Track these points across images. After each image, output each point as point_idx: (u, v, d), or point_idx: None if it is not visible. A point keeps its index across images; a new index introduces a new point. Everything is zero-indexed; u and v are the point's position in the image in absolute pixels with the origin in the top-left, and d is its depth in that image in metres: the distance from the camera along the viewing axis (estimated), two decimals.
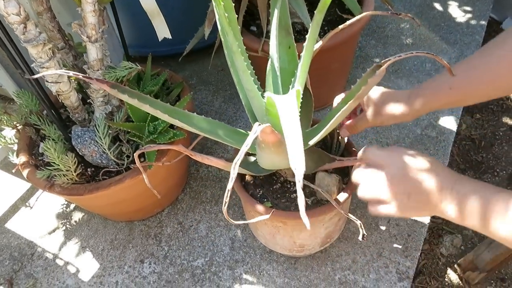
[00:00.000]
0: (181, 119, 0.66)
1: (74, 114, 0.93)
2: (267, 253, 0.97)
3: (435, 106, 0.68)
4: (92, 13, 0.80)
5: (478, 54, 0.64)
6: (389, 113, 0.70)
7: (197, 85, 1.43)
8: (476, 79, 0.63)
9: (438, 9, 1.54)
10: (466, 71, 0.64)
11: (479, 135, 1.35)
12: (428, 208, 0.58)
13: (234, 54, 0.61)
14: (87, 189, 0.85)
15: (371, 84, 0.61)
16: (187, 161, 1.10)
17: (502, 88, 0.62)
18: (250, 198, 0.77)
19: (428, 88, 0.68)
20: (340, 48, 1.02)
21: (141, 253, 1.02)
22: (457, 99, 0.66)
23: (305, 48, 0.64)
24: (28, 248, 1.09)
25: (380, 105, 0.71)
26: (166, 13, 1.37)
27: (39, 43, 0.76)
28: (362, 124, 0.75)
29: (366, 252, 0.95)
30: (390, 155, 0.61)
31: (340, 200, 0.74)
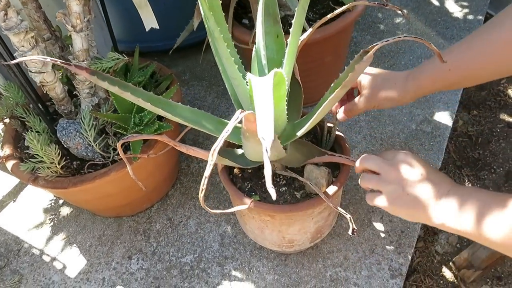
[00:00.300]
0: (164, 108, 0.64)
1: (60, 107, 0.91)
2: (257, 249, 0.95)
3: (434, 89, 0.67)
4: (77, 1, 0.78)
5: (476, 34, 0.62)
6: (386, 96, 0.69)
7: (190, 80, 1.41)
8: (475, 60, 0.61)
9: (435, 4, 1.52)
10: (464, 51, 0.62)
11: (476, 132, 1.33)
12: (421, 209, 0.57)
13: (217, 41, 0.59)
14: (71, 182, 0.83)
15: (358, 71, 0.59)
16: (177, 156, 1.08)
17: (502, 68, 0.60)
18: (237, 191, 0.75)
19: (426, 70, 0.66)
20: (332, 39, 1.00)
21: (129, 249, 1.00)
22: (456, 81, 0.65)
23: (292, 34, 0.62)
24: (15, 244, 1.07)
25: (377, 88, 0.70)
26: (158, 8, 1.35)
27: (21, 31, 0.74)
28: (358, 107, 0.74)
29: (358, 249, 0.92)
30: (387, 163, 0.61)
31: (329, 193, 0.72)
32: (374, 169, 0.63)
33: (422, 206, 0.57)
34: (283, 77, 0.51)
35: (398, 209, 0.60)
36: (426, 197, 0.57)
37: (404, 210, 0.59)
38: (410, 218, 0.61)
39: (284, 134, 0.73)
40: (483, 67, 0.62)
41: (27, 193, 1.18)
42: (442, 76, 0.65)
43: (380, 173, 0.61)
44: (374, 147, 1.10)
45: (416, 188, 0.58)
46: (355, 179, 1.04)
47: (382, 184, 0.61)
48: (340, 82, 0.63)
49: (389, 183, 0.60)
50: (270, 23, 0.73)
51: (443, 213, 0.55)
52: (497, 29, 0.59)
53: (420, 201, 0.57)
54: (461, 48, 0.63)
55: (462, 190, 0.55)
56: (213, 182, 1.10)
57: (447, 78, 0.64)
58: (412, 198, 0.58)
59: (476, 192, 0.54)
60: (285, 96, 0.60)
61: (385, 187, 0.60)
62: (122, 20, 1.43)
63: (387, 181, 0.60)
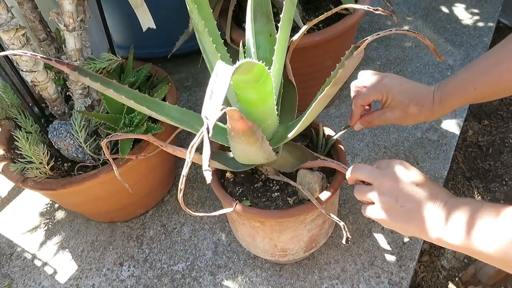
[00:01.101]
0: (150, 106, 0.62)
1: (53, 107, 0.90)
2: (251, 258, 0.91)
3: (459, 106, 0.65)
4: (69, 0, 0.77)
5: (500, 48, 0.60)
6: (412, 116, 0.67)
7: (193, 86, 1.40)
8: (502, 76, 0.58)
9: (444, 11, 1.48)
10: (490, 68, 0.59)
11: (487, 142, 1.28)
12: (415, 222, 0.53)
13: (201, 35, 0.57)
14: (60, 184, 0.81)
15: (349, 67, 0.56)
16: (173, 160, 1.05)
17: None
18: (225, 195, 0.72)
19: (452, 92, 0.64)
20: (333, 43, 0.97)
21: (121, 255, 0.98)
22: (482, 97, 0.63)
23: (280, 29, 0.59)
24: (8, 248, 1.05)
25: (404, 108, 0.67)
26: (161, 13, 1.35)
27: (11, 28, 0.73)
28: (380, 121, 0.71)
29: (357, 261, 0.88)
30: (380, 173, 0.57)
31: (322, 198, 0.68)
32: (366, 179, 0.59)
33: (417, 219, 0.52)
34: (266, 71, 0.48)
35: (391, 222, 0.56)
36: (420, 210, 0.52)
37: (397, 223, 0.55)
38: (404, 232, 0.56)
39: (276, 136, 0.70)
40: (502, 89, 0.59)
41: (23, 196, 1.17)
42: (469, 96, 0.62)
43: (372, 184, 0.57)
44: (377, 155, 1.06)
45: (410, 199, 0.53)
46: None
47: (374, 195, 0.57)
48: (330, 80, 0.60)
49: (381, 194, 0.56)
50: (263, 21, 0.71)
51: (439, 228, 0.51)
52: None
53: (414, 213, 0.53)
54: (487, 64, 0.61)
55: (460, 203, 0.51)
56: (209, 188, 1.07)
57: (474, 96, 0.62)
58: (406, 210, 0.53)
59: (476, 205, 0.50)
60: (272, 93, 0.57)
61: (377, 198, 0.56)
62: (125, 27, 1.43)
63: (379, 192, 0.56)
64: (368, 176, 0.58)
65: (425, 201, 0.53)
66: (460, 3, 1.51)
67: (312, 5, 1.12)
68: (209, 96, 0.32)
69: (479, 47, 1.32)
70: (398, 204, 0.54)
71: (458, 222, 0.49)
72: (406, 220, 0.54)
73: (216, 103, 0.31)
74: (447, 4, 1.51)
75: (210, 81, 0.32)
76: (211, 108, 0.31)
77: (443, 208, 0.51)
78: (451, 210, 0.50)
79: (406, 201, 0.53)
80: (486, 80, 0.60)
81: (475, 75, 0.61)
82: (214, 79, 0.32)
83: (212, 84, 0.32)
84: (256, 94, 0.56)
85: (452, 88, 0.64)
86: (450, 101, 0.64)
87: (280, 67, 0.63)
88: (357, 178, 0.61)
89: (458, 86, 0.63)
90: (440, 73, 1.25)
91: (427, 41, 0.51)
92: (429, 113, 0.66)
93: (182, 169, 1.18)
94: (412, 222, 0.53)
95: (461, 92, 0.63)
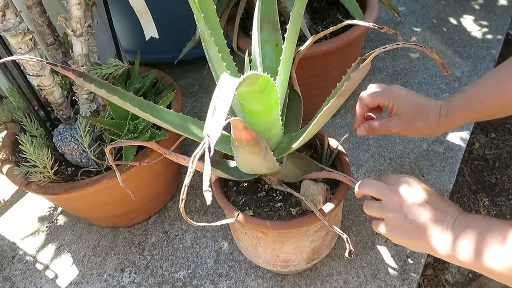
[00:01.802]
0: (153, 113, 0.62)
1: (59, 112, 0.90)
2: (253, 268, 0.91)
3: (466, 122, 0.65)
4: (77, 6, 0.78)
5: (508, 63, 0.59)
6: (417, 129, 0.66)
7: (198, 92, 1.40)
8: (509, 91, 0.58)
9: (452, 23, 1.47)
10: (497, 84, 0.59)
11: (494, 155, 1.26)
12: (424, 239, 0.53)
13: (207, 44, 0.57)
14: (63, 188, 0.81)
15: (355, 79, 0.55)
16: (176, 167, 1.05)
17: None
18: (227, 204, 0.71)
19: (459, 106, 0.63)
20: (340, 53, 0.97)
21: (123, 261, 0.97)
22: (489, 113, 0.62)
23: (286, 40, 0.59)
24: (10, 251, 1.05)
25: (410, 119, 0.66)
26: (168, 19, 1.36)
27: (18, 32, 0.73)
28: (384, 130, 0.70)
29: (360, 273, 0.87)
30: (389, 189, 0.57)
31: (325, 210, 0.67)
32: (375, 195, 0.59)
33: (426, 236, 0.52)
34: (271, 82, 0.48)
35: (399, 238, 0.56)
36: (430, 227, 0.52)
37: (406, 240, 0.55)
38: (413, 248, 0.56)
39: (280, 147, 0.69)
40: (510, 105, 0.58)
41: (26, 200, 1.17)
42: (476, 111, 0.62)
43: (382, 200, 0.57)
44: (382, 166, 1.05)
45: (419, 216, 0.53)
46: (359, 200, 0.99)
47: (383, 211, 0.57)
48: (336, 92, 0.59)
49: (389, 210, 0.56)
50: (269, 31, 0.71)
51: (448, 246, 0.50)
52: None
53: (423, 230, 0.53)
54: (494, 79, 0.60)
55: (470, 220, 0.51)
56: (212, 195, 1.06)
57: (481, 112, 0.61)
58: (414, 227, 0.53)
59: (486, 221, 0.49)
60: (277, 104, 0.57)
61: (386, 214, 0.56)
62: (133, 32, 1.43)
63: (388, 208, 0.56)
64: (376, 192, 0.58)
65: (434, 218, 0.52)
66: (468, 15, 1.50)
67: (320, 15, 1.12)
68: (212, 113, 0.31)
69: (487, 59, 1.31)
70: (407, 221, 0.54)
71: (467, 241, 0.49)
72: (416, 236, 0.54)
73: (219, 121, 0.30)
74: (456, 16, 1.50)
75: (214, 96, 0.32)
76: (213, 126, 0.30)
77: (452, 226, 0.51)
78: (460, 228, 0.50)
79: (415, 218, 0.53)
80: (493, 95, 0.59)
81: (482, 90, 0.60)
82: (217, 94, 0.31)
83: (215, 99, 0.31)
84: (260, 105, 0.55)
85: (459, 102, 0.63)
86: (457, 115, 0.63)
87: (285, 78, 0.63)
88: (366, 193, 0.60)
89: (465, 101, 0.63)
90: (447, 84, 1.24)
91: (434, 55, 0.50)
92: (435, 126, 0.65)
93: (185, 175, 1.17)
94: (421, 239, 0.53)
95: (467, 106, 0.62)
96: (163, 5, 1.32)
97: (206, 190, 0.30)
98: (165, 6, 1.32)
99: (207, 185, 0.30)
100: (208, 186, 0.31)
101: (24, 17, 0.80)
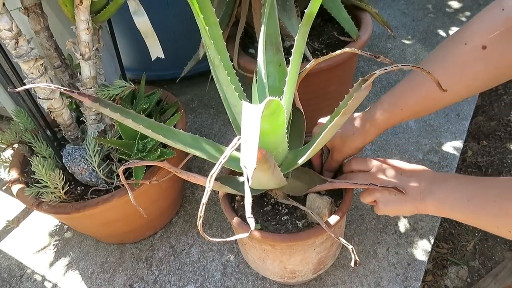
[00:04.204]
0: (165, 134, 0.65)
1: (67, 132, 0.92)
2: (259, 280, 0.93)
3: (390, 126, 0.73)
4: (86, 31, 0.81)
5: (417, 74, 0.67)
6: (350, 146, 0.76)
7: (198, 108, 1.43)
8: (422, 96, 0.67)
9: (441, 35, 1.53)
10: (412, 89, 0.68)
11: (486, 163, 1.31)
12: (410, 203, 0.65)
13: (217, 68, 0.60)
14: (74, 208, 0.83)
15: (358, 99, 0.59)
16: (181, 183, 1.08)
17: (449, 99, 0.66)
18: (238, 219, 0.74)
19: (380, 115, 0.72)
20: (337, 69, 1.01)
21: (131, 277, 0.99)
22: (409, 115, 0.71)
23: (291, 63, 0.63)
24: (18, 269, 1.07)
25: (340, 144, 0.76)
26: (168, 37, 1.39)
27: (31, 58, 0.76)
28: (334, 163, 0.79)
29: (363, 281, 0.90)
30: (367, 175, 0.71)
31: (331, 222, 0.70)
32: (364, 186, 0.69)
33: (409, 200, 0.65)
34: (280, 105, 0.51)
35: (392, 210, 0.69)
36: (410, 193, 0.65)
37: (397, 209, 0.68)
38: (406, 214, 0.69)
39: (285, 162, 0.72)
40: (432, 102, 0.68)
41: (32, 218, 1.19)
42: (397, 115, 0.70)
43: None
44: None
45: None
46: (360, 209, 1.02)
47: (371, 195, 0.70)
48: (339, 110, 0.63)
49: (375, 191, 0.69)
50: (272, 52, 0.74)
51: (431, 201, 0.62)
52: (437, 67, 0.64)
53: (406, 197, 0.65)
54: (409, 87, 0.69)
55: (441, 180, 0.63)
56: (216, 210, 1.09)
57: (402, 115, 0.70)
58: (398, 197, 0.66)
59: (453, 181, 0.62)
60: (284, 124, 0.60)
61: (375, 196, 0.69)
62: (133, 50, 1.46)
63: (373, 190, 0.69)
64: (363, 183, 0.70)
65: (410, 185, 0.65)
66: (456, 27, 1.55)
67: (316, 31, 1.16)
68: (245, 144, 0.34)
69: None
70: (392, 194, 0.67)
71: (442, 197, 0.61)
72: (402, 204, 0.66)
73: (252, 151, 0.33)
74: (444, 28, 1.56)
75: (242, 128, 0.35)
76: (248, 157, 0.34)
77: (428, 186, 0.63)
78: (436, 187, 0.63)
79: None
80: (409, 102, 0.68)
81: (399, 98, 0.69)
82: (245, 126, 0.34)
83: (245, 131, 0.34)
84: (269, 125, 0.58)
85: (378, 111, 0.72)
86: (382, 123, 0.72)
87: (290, 98, 0.66)
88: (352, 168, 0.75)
89: (384, 110, 0.71)
90: None
91: (432, 76, 0.54)
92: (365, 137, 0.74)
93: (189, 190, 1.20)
94: (407, 204, 0.65)
95: (388, 114, 0.71)
96: (163, 24, 1.35)
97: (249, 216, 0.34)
98: (165, 25, 1.35)
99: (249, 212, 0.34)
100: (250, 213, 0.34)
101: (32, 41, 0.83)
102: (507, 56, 0.59)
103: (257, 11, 0.97)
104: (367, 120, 0.72)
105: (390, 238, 0.96)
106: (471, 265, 1.09)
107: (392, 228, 0.98)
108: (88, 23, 0.80)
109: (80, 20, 0.79)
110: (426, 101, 0.67)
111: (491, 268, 1.06)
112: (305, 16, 0.57)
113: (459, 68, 0.62)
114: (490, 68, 0.61)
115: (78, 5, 0.76)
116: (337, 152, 0.77)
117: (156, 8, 1.32)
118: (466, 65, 0.62)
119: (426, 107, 0.69)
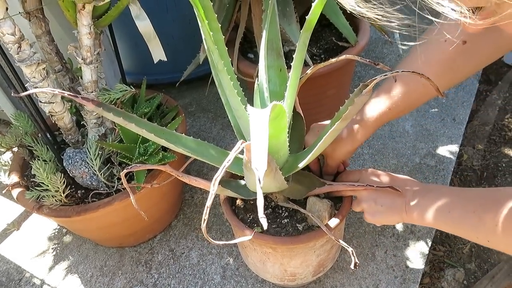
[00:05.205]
0: (168, 138, 0.66)
1: (68, 136, 0.93)
2: (259, 282, 0.94)
3: (379, 126, 0.75)
4: (88, 35, 0.81)
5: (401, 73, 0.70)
6: (341, 151, 0.76)
7: (196, 112, 1.44)
8: (410, 94, 0.70)
9: None
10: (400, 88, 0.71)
11: (481, 166, 1.32)
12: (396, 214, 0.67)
13: (220, 73, 0.61)
14: (75, 211, 0.83)
15: (358, 104, 0.60)
16: (181, 186, 1.08)
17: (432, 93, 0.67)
18: (239, 223, 0.75)
19: (368, 117, 0.73)
20: (335, 73, 1.02)
21: (130, 280, 0.99)
22: (398, 112, 0.73)
23: (293, 68, 0.64)
24: (16, 273, 1.07)
25: (331, 149, 0.77)
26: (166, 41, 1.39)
27: (33, 62, 0.77)
28: (329, 168, 0.81)
29: (362, 284, 0.91)
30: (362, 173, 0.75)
31: (331, 225, 0.71)
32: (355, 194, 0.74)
33: (395, 211, 0.67)
34: (283, 110, 0.52)
35: (380, 220, 0.70)
36: (396, 203, 0.67)
37: (384, 219, 0.70)
38: (392, 223, 0.71)
39: (286, 166, 0.73)
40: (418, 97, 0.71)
41: (31, 221, 1.19)
42: (386, 115, 0.72)
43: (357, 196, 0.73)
44: None
45: (385, 198, 0.68)
46: (358, 213, 1.03)
47: (360, 205, 0.72)
48: (340, 115, 0.64)
49: (363, 202, 0.71)
50: (273, 57, 0.75)
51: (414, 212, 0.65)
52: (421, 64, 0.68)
53: (392, 208, 0.67)
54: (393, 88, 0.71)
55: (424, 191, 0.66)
56: (216, 213, 1.09)
57: (390, 114, 0.72)
58: (385, 208, 0.68)
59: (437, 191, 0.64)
60: (285, 128, 0.61)
61: (363, 206, 0.72)
62: (132, 54, 1.47)
63: (362, 201, 0.72)
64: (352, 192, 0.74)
65: (396, 196, 0.67)
66: None
67: (314, 36, 1.17)
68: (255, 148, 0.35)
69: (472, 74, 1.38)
70: (379, 205, 0.69)
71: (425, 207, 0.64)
72: (389, 214, 0.68)
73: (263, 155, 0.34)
74: None
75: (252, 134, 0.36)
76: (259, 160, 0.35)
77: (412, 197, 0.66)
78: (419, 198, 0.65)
79: (383, 201, 0.69)
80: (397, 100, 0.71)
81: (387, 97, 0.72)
82: (254, 130, 0.35)
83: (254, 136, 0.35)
84: (272, 129, 0.59)
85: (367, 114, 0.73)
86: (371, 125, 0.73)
87: (291, 102, 0.67)
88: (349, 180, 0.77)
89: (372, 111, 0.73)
90: (435, 99, 1.30)
91: (431, 82, 0.55)
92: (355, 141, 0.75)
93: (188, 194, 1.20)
94: (394, 214, 0.68)
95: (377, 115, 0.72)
96: (162, 28, 1.35)
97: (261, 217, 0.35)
98: (163, 29, 1.35)
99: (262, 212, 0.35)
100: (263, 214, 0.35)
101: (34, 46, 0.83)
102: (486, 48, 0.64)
103: (257, 17, 0.98)
104: (355, 123, 0.74)
105: (388, 241, 0.97)
106: (467, 268, 1.10)
107: (390, 231, 1.00)
108: (90, 28, 0.81)
109: (82, 25, 0.80)
110: (413, 97, 0.70)
111: (487, 270, 1.07)
112: (306, 23, 0.58)
113: (445, 63, 0.67)
114: (472, 60, 0.66)
115: (80, 10, 0.77)
116: (329, 158, 0.78)
117: (155, 12, 1.32)
118: (450, 60, 0.66)
119: (412, 103, 0.72)
